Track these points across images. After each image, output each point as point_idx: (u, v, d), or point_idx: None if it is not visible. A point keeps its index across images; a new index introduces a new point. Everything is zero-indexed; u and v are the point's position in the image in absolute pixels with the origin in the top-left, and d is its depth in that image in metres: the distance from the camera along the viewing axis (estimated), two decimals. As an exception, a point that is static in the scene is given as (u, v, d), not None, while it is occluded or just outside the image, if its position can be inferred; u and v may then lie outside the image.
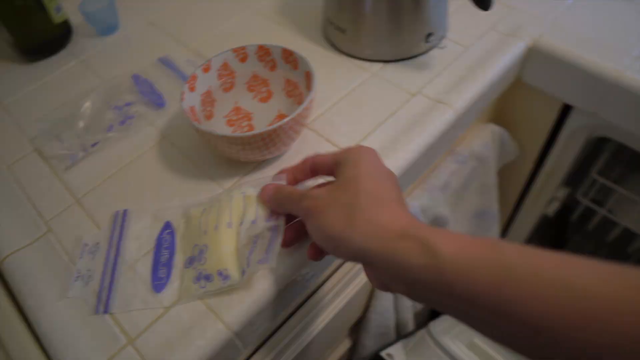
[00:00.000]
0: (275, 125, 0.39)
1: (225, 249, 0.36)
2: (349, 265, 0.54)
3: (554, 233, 1.05)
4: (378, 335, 0.65)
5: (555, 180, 0.76)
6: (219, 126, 0.48)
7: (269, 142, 0.41)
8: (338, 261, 0.51)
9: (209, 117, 0.48)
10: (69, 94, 0.57)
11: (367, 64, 0.55)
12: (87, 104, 0.53)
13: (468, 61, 0.54)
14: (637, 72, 0.52)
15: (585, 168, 0.80)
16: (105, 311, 0.37)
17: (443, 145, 0.51)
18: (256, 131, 0.39)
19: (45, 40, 0.62)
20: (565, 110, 0.64)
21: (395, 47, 0.54)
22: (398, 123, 0.48)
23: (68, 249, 0.41)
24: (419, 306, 0.71)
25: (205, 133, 0.41)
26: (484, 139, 0.62)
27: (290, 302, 0.41)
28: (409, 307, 0.64)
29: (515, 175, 0.78)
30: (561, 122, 0.66)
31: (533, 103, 0.66)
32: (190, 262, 0.38)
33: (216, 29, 0.64)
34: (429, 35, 0.53)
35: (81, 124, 0.51)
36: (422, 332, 0.69)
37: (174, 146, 0.49)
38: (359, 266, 0.54)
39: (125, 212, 0.43)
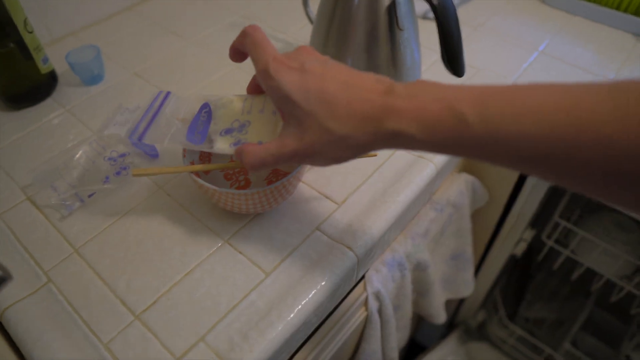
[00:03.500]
0: (278, 183, 0.45)
1: (268, 128, 0.44)
2: (341, 310, 0.59)
3: (520, 271, 1.14)
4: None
5: (522, 223, 0.85)
6: (217, 179, 0.53)
7: (270, 198, 0.46)
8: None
9: (206, 171, 0.53)
10: (58, 143, 0.60)
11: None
12: (80, 154, 0.57)
13: (443, 118, 0.62)
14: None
15: (549, 211, 0.90)
16: (140, 139, 0.44)
17: (425, 196, 0.58)
18: (260, 188, 0.44)
19: (31, 88, 0.66)
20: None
21: (378, 105, 0.62)
22: (384, 176, 0.55)
23: (70, 299, 0.44)
24: (399, 341, 0.77)
25: (209, 189, 0.45)
26: (459, 187, 0.71)
27: (294, 349, 0.46)
28: (394, 349, 0.69)
29: (486, 219, 0.87)
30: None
31: (500, 154, 0.75)
32: (227, 131, 0.45)
33: (203, 81, 0.70)
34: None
35: (75, 173, 0.55)
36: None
37: (170, 197, 0.54)
38: (351, 310, 0.60)
39: (168, 93, 0.50)
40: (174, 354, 0.41)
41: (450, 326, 1.21)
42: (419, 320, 1.09)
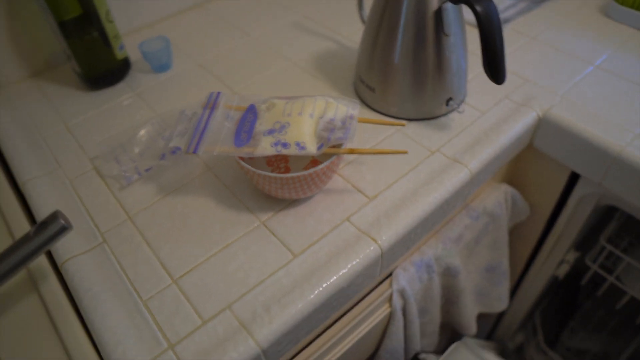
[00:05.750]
0: (311, 170, 0.48)
1: (306, 129, 0.49)
2: (365, 303, 0.61)
3: (565, 296, 1.10)
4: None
5: (565, 243, 0.83)
6: (260, 165, 0.57)
7: (304, 184, 0.50)
8: (358, 295, 0.58)
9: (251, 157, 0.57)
10: (125, 121, 0.67)
11: (394, 121, 0.65)
12: (142, 132, 0.63)
13: (484, 126, 0.63)
14: (638, 148, 0.60)
15: (595, 234, 0.87)
16: (195, 151, 0.49)
17: (458, 200, 0.59)
18: (293, 174, 0.48)
19: (107, 72, 0.73)
20: (574, 177, 0.72)
21: (418, 108, 0.63)
22: (418, 177, 0.57)
23: (120, 259, 0.50)
24: (426, 347, 0.77)
25: (249, 171, 0.50)
26: (497, 198, 0.70)
27: (314, 328, 0.49)
28: (417, 349, 0.70)
29: (527, 234, 0.85)
30: (571, 188, 0.74)
31: (544, 167, 0.74)
32: (269, 132, 0.50)
33: (258, 75, 0.74)
34: (449, 99, 0.63)
35: (136, 149, 0.61)
36: (455, 344, 0.75)
37: (217, 177, 0.58)
38: (375, 303, 0.62)
39: (218, 93, 0.55)
40: (202, 316, 0.45)
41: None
42: (453, 334, 1.08)
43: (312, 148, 0.49)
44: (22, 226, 0.54)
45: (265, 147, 0.49)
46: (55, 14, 0.65)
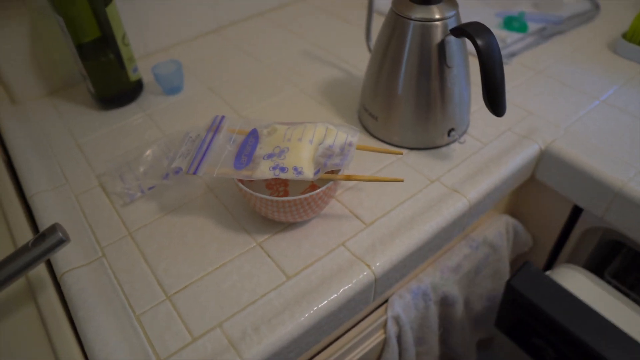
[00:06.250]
0: (307, 195, 0.49)
1: (304, 155, 0.51)
2: (361, 326, 0.61)
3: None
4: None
5: (570, 277, 0.81)
6: (259, 188, 0.58)
7: (300, 208, 0.50)
8: (352, 320, 0.58)
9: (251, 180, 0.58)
10: (134, 141, 0.69)
11: (393, 149, 0.65)
12: (148, 152, 0.64)
13: (485, 157, 0.63)
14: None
15: (600, 268, 0.85)
16: (195, 172, 0.50)
17: (455, 230, 0.59)
18: (289, 198, 0.48)
19: (120, 93, 0.76)
20: (578, 209, 0.72)
21: (420, 138, 0.64)
22: (416, 205, 0.57)
23: (117, 273, 0.51)
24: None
25: (247, 193, 0.50)
26: (498, 229, 0.70)
27: (304, 351, 0.48)
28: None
29: (530, 267, 0.84)
30: (574, 220, 0.73)
31: (547, 199, 0.74)
32: (269, 156, 0.51)
33: (265, 100, 0.76)
34: (451, 130, 0.64)
35: (142, 168, 0.62)
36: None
37: (217, 198, 0.59)
38: (370, 329, 0.61)
39: (222, 117, 0.57)
40: (193, 333, 0.45)
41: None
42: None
43: (309, 173, 0.50)
44: (26, 237, 0.56)
45: (263, 170, 0.50)
46: (74, 37, 0.68)
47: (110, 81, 0.74)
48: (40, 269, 0.52)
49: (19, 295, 0.49)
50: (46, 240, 0.42)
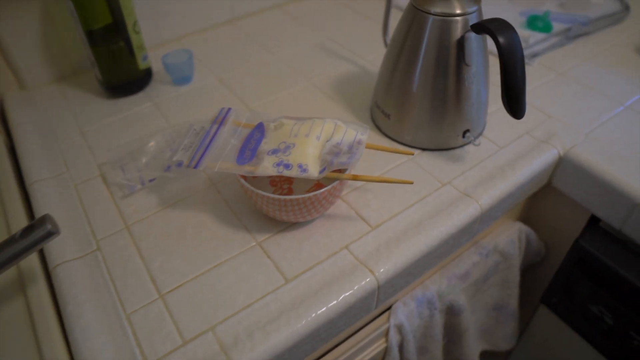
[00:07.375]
0: (310, 194, 0.45)
1: (310, 151, 0.47)
2: (361, 334, 0.58)
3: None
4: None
5: (584, 288, 0.77)
6: (263, 185, 0.55)
7: (303, 208, 0.47)
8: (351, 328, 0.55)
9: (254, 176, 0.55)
10: (139, 130, 0.66)
11: (404, 149, 0.62)
12: (152, 143, 0.62)
13: (500, 161, 0.59)
14: (665, 197, 0.55)
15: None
16: (196, 166, 0.47)
17: (465, 236, 0.55)
18: (292, 197, 0.45)
19: (128, 81, 0.73)
20: (594, 220, 0.67)
21: (433, 138, 0.60)
22: (424, 208, 0.54)
23: (110, 268, 0.48)
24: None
25: (248, 190, 0.48)
26: (510, 236, 0.66)
27: (299, 359, 0.45)
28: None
29: (541, 276, 0.80)
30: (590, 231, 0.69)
31: (563, 208, 0.69)
32: (273, 152, 0.48)
33: (276, 94, 0.73)
34: (466, 131, 0.60)
35: (144, 159, 0.60)
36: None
37: (220, 193, 0.56)
38: (371, 337, 0.58)
39: (229, 109, 0.54)
40: (184, 336, 0.42)
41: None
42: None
43: (314, 171, 0.46)
44: (21, 227, 0.53)
45: (267, 166, 0.47)
46: (83, 22, 0.66)
47: (119, 69, 0.72)
48: (33, 259, 0.49)
49: (9, 287, 0.47)
50: (34, 232, 0.39)
